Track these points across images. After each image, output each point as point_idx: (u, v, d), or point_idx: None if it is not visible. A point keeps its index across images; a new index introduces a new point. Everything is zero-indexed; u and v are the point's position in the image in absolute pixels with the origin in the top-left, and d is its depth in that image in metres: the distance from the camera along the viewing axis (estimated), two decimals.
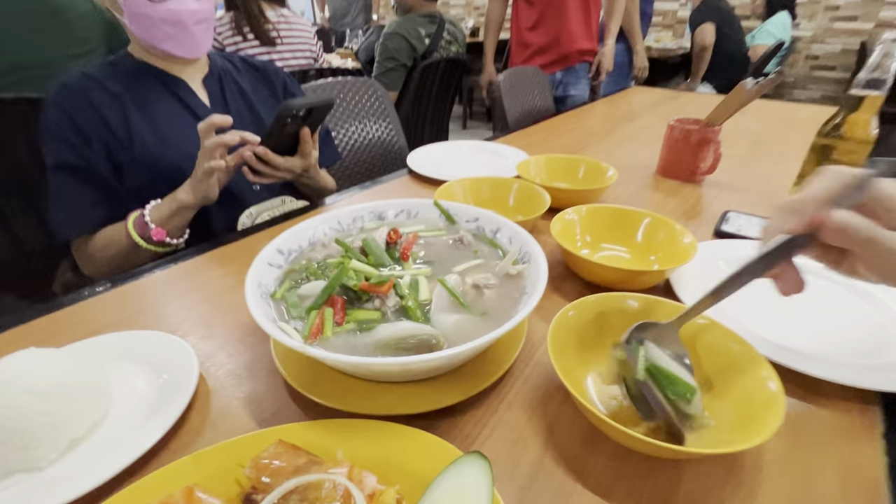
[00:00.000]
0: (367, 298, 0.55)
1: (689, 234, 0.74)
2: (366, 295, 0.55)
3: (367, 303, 0.55)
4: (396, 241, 0.67)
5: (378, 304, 0.54)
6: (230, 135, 0.93)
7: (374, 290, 0.54)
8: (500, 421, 0.51)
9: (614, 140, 1.55)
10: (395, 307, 0.55)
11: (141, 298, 0.72)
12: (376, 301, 0.54)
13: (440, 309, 0.54)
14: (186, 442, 0.49)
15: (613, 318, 0.58)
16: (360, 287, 0.54)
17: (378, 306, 0.54)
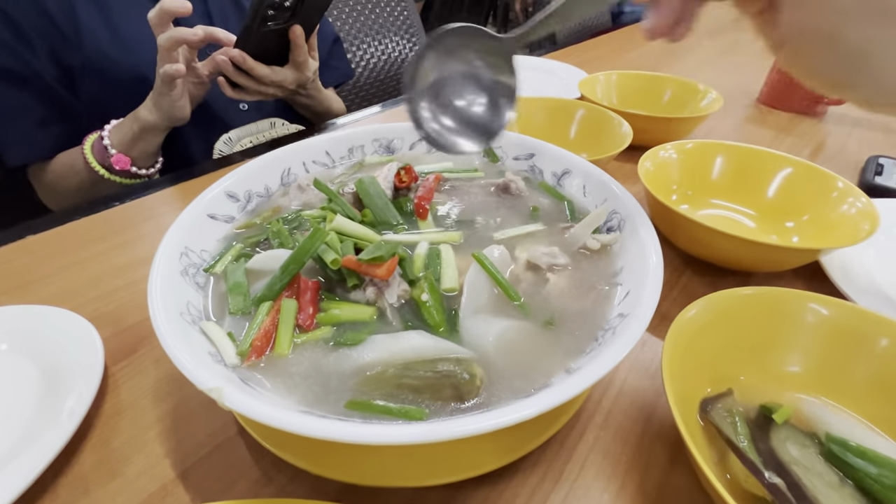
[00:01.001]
0: (356, 284, 0.33)
1: (860, 196, 0.48)
2: (354, 278, 0.33)
3: (354, 291, 0.33)
4: (409, 187, 0.44)
5: (373, 294, 0.33)
6: (193, 30, 0.69)
7: (368, 270, 0.32)
8: (568, 496, 0.31)
9: (697, 59, 1.22)
10: (400, 301, 0.33)
11: (57, 255, 0.52)
12: (370, 289, 0.33)
13: (475, 306, 0.33)
14: (65, 501, 0.31)
15: (767, 331, 0.35)
16: (343, 265, 0.32)
17: (372, 298, 0.33)
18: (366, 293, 0.33)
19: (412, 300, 0.33)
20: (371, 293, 0.33)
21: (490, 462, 0.30)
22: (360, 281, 0.33)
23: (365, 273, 0.32)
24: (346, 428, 0.22)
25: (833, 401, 0.33)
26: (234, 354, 0.29)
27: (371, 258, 0.32)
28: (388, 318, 0.32)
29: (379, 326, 0.32)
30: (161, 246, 0.33)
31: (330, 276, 0.34)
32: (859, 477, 0.29)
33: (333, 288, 0.34)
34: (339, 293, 0.34)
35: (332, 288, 0.34)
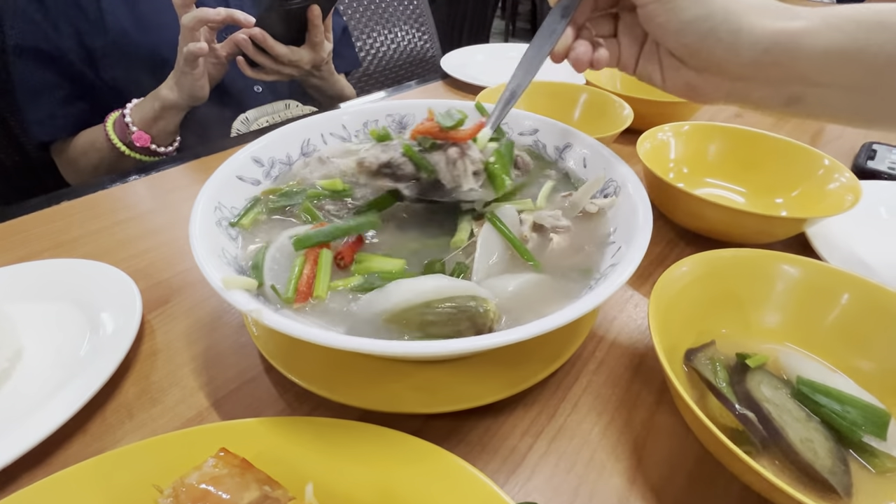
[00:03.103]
0: (434, 144, 0.38)
1: (843, 171, 0.51)
2: (428, 155, 0.38)
3: (434, 151, 0.38)
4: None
5: (455, 153, 0.37)
6: (216, 10, 0.72)
7: (452, 136, 0.37)
8: (560, 430, 0.34)
9: None
10: (478, 164, 0.38)
11: (91, 219, 0.56)
12: (452, 149, 0.37)
13: (488, 262, 0.36)
14: (112, 424, 0.34)
15: (747, 289, 0.38)
16: (427, 132, 0.38)
17: (454, 156, 0.37)
18: (447, 153, 0.37)
19: (488, 171, 0.38)
20: (454, 152, 0.37)
21: (490, 395, 0.34)
22: (437, 146, 0.38)
23: (449, 138, 0.37)
24: (365, 342, 0.25)
25: (805, 349, 0.36)
26: (281, 299, 0.32)
27: (451, 125, 0.37)
28: (471, 182, 0.37)
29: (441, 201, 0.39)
30: (198, 199, 0.36)
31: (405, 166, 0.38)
32: (825, 413, 0.32)
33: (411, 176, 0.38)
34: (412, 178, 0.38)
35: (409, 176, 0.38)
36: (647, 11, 0.36)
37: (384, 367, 0.36)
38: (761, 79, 0.35)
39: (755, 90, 0.36)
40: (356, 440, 0.29)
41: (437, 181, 0.38)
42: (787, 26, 0.33)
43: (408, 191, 0.38)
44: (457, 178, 0.37)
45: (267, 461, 0.28)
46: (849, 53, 0.32)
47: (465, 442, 0.33)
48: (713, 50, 0.34)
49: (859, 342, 0.35)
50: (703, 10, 0.33)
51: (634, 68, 0.42)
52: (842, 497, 0.28)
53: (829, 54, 0.32)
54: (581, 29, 0.42)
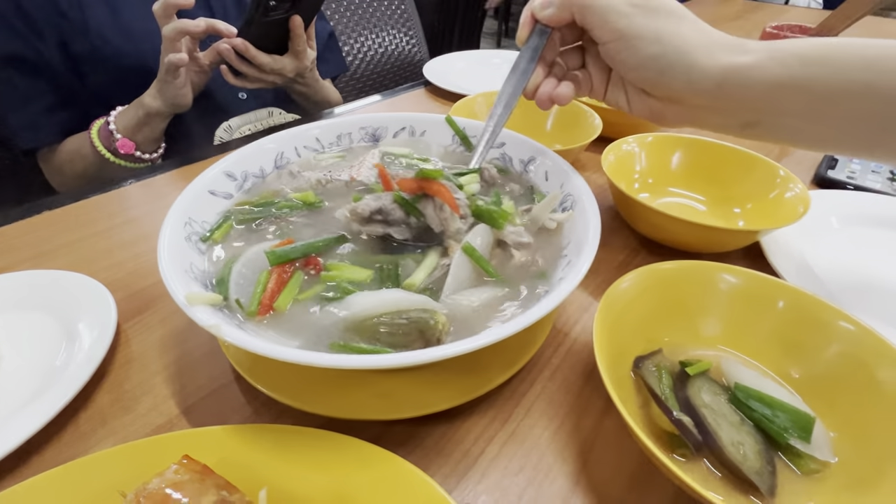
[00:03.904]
0: (416, 210, 0.40)
1: (796, 183, 0.53)
2: (416, 202, 0.40)
3: (422, 199, 0.40)
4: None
5: (435, 213, 0.39)
6: (196, 21, 0.73)
7: (426, 186, 0.39)
8: (513, 434, 0.36)
9: None
10: (464, 209, 0.40)
11: (71, 229, 0.57)
12: (429, 208, 0.40)
13: (457, 283, 0.37)
14: (85, 431, 0.36)
15: (692, 298, 0.40)
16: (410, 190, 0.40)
17: (440, 204, 0.39)
18: (434, 199, 0.39)
19: (478, 212, 0.41)
20: (439, 200, 0.39)
21: (446, 402, 0.35)
22: (420, 202, 0.40)
23: (429, 191, 0.39)
24: (310, 356, 0.27)
25: (745, 356, 0.39)
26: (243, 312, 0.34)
27: (424, 174, 0.39)
28: (458, 224, 0.39)
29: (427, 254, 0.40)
30: (168, 215, 0.38)
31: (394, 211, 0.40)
32: (757, 417, 0.34)
33: (399, 222, 0.40)
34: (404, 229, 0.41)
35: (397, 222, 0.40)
36: (607, 49, 0.39)
37: (346, 377, 0.37)
38: (717, 108, 0.37)
39: (713, 118, 0.39)
40: (313, 446, 0.31)
41: (427, 226, 0.40)
42: (735, 61, 0.35)
43: (399, 235, 0.41)
44: (444, 223, 0.39)
45: (228, 467, 0.30)
46: (792, 86, 0.34)
47: (422, 447, 0.35)
48: (671, 84, 0.37)
49: (792, 349, 0.37)
50: (658, 49, 0.36)
51: (604, 95, 0.45)
52: (766, 497, 0.31)
53: (775, 87, 0.35)
54: (552, 65, 0.45)
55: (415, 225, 0.41)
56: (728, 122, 0.38)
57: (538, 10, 0.41)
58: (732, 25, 1.57)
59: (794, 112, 0.36)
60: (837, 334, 0.35)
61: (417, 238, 0.41)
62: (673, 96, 0.38)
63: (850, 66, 0.33)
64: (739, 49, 0.36)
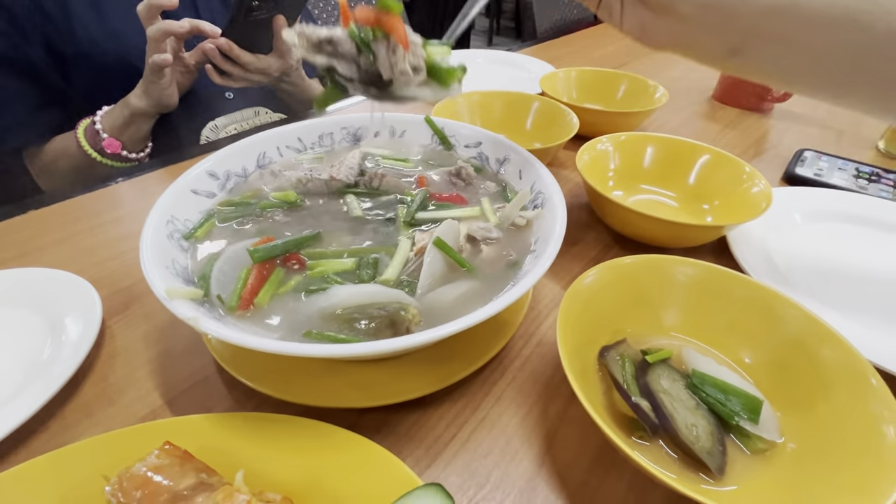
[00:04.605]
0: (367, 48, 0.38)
1: (760, 179, 0.55)
2: (369, 41, 0.37)
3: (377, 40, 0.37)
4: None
5: (387, 55, 0.37)
6: (180, 22, 0.74)
7: (382, 19, 0.37)
8: (483, 421, 0.38)
9: (664, 57, 1.28)
10: (415, 63, 0.38)
11: (57, 228, 0.58)
12: (382, 49, 0.37)
13: (431, 277, 0.39)
14: (71, 422, 0.37)
15: (654, 291, 0.42)
16: (366, 21, 0.37)
17: (394, 45, 0.37)
18: (389, 41, 0.37)
19: (430, 67, 0.40)
20: (395, 41, 0.37)
21: (419, 390, 0.37)
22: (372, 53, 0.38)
23: (386, 27, 0.37)
24: (282, 345, 0.29)
25: (704, 343, 0.41)
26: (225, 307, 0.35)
27: (384, 5, 0.36)
28: (408, 73, 0.38)
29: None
30: (150, 213, 0.39)
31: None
32: (710, 401, 0.36)
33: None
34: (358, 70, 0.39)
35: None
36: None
37: (322, 367, 0.39)
38: (707, 24, 0.37)
39: (700, 37, 0.38)
40: (289, 433, 0.33)
41: (377, 73, 0.38)
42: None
43: (345, 70, 0.38)
44: (395, 66, 0.37)
45: (208, 453, 0.31)
46: (780, 8, 0.35)
47: (395, 433, 0.37)
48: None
49: (744, 336, 0.39)
50: None
51: (598, 3, 0.43)
52: (715, 474, 0.33)
53: (768, 5, 0.35)
54: None
55: (364, 66, 0.39)
56: (714, 44, 0.38)
57: None
58: None
59: (778, 38, 0.36)
60: (784, 320, 0.37)
61: (363, 81, 0.39)
62: (666, 2, 0.37)
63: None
64: None
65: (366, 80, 0.39)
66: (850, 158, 0.75)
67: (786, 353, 0.37)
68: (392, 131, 0.58)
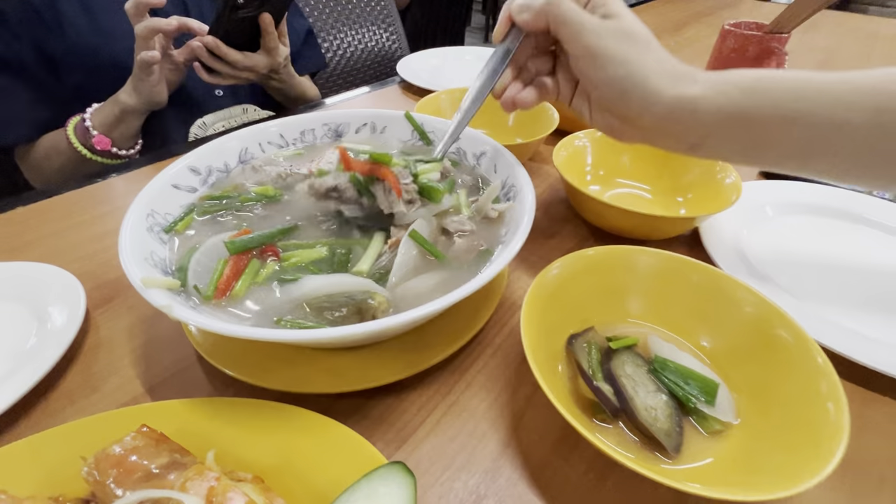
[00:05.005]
0: (368, 191, 0.44)
1: (731, 172, 0.57)
2: (369, 184, 0.44)
3: (375, 182, 0.44)
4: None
5: (384, 195, 0.43)
6: (168, 19, 0.75)
7: (378, 173, 0.43)
8: (453, 405, 0.39)
9: None
10: (409, 197, 0.43)
11: (43, 224, 0.60)
12: (380, 190, 0.44)
13: (405, 268, 0.40)
14: (54, 409, 0.39)
15: (620, 280, 0.43)
16: (362, 171, 0.44)
17: (388, 188, 0.43)
18: (384, 183, 0.43)
19: (422, 189, 0.44)
20: (388, 184, 0.42)
21: (390, 376, 0.39)
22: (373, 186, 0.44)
23: (377, 174, 0.43)
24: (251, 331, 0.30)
25: (667, 330, 0.42)
26: (201, 296, 0.37)
27: (375, 158, 0.43)
28: (401, 208, 0.42)
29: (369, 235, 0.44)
30: (130, 207, 0.41)
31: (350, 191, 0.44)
32: (670, 385, 0.37)
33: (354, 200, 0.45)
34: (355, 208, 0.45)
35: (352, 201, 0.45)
36: (576, 63, 0.41)
37: (299, 355, 0.40)
38: (667, 131, 0.40)
39: (663, 139, 0.41)
40: (262, 416, 0.34)
41: (377, 208, 0.44)
42: (685, 92, 0.37)
43: (349, 212, 0.45)
44: (392, 205, 0.42)
45: (184, 436, 0.32)
46: (733, 114, 0.37)
47: (368, 418, 0.38)
48: (629, 105, 0.39)
49: (703, 321, 0.41)
50: (623, 71, 0.38)
51: (570, 102, 0.46)
52: (672, 454, 0.34)
53: (718, 115, 0.37)
54: (522, 69, 0.47)
55: (366, 205, 0.44)
56: (676, 144, 0.41)
57: (515, 13, 0.42)
58: (702, 22, 1.61)
59: (736, 137, 0.38)
60: (738, 305, 0.39)
61: (368, 218, 0.45)
62: (629, 116, 0.40)
63: (782, 97, 0.36)
64: (690, 79, 0.38)
65: (368, 216, 0.45)
66: None
67: (742, 336, 0.38)
68: (373, 127, 0.60)
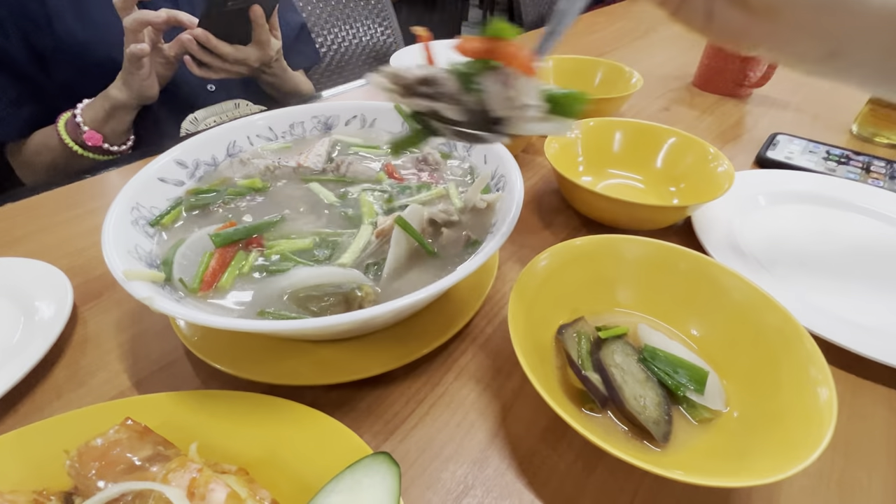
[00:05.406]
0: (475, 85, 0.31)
1: (724, 160, 0.56)
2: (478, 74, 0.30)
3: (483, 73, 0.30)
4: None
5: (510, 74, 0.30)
6: (157, 12, 0.75)
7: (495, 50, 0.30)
8: (442, 396, 0.39)
9: (646, 43, 1.29)
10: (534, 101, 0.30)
11: (33, 220, 0.59)
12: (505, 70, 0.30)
13: (396, 261, 0.40)
14: (41, 404, 0.39)
15: (610, 270, 0.43)
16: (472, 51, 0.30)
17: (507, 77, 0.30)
18: (499, 72, 0.30)
19: None
20: (508, 72, 0.30)
21: (378, 367, 0.38)
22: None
23: (502, 58, 0.30)
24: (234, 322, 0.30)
25: (656, 318, 0.42)
26: (186, 289, 0.36)
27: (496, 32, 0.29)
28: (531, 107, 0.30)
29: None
30: (115, 200, 0.40)
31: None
32: (659, 374, 0.37)
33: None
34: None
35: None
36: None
37: (287, 347, 0.40)
38: (814, 28, 0.34)
39: (801, 40, 0.35)
40: (247, 408, 0.34)
41: (482, 110, 0.31)
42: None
43: (451, 114, 0.32)
44: (511, 101, 0.30)
45: (169, 429, 0.32)
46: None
47: (356, 409, 0.38)
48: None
49: (693, 309, 0.40)
50: None
51: (678, 6, 0.38)
52: (660, 443, 0.34)
53: (881, 10, 0.32)
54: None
55: (470, 105, 0.31)
56: (814, 47, 0.35)
57: None
58: None
59: (886, 45, 0.33)
60: (727, 292, 0.39)
61: (472, 125, 0.32)
62: (778, 7, 0.33)
63: None
64: None
65: (473, 123, 0.32)
66: (822, 142, 0.76)
67: (731, 324, 0.38)
68: (363, 119, 0.59)
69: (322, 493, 0.28)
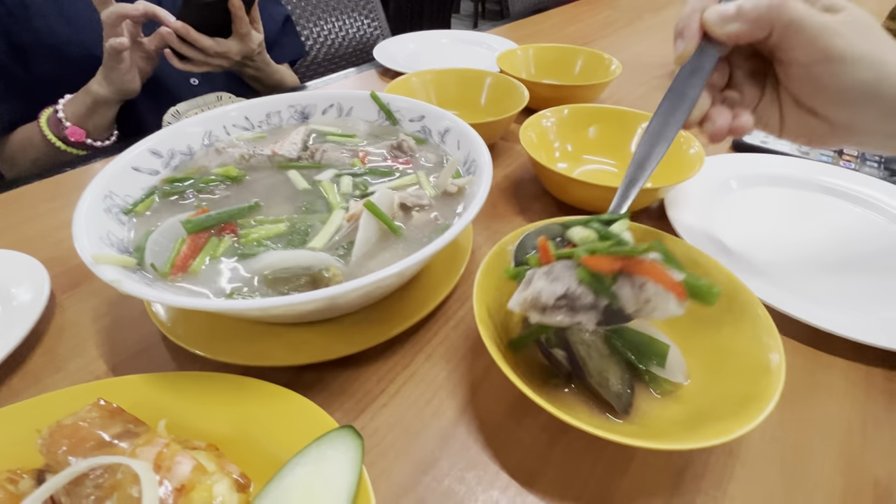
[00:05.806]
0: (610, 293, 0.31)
1: (695, 143, 0.57)
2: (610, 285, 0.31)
3: None
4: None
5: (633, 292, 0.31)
6: (134, 5, 0.75)
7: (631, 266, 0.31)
8: (412, 375, 0.40)
9: (631, 32, 1.29)
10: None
11: (12, 213, 0.60)
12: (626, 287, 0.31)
13: (365, 244, 0.41)
14: (18, 389, 0.39)
15: None
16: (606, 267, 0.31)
17: (640, 282, 0.31)
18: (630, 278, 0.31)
19: None
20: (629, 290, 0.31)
21: (350, 348, 0.39)
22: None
23: (636, 271, 0.30)
24: (203, 302, 0.31)
25: None
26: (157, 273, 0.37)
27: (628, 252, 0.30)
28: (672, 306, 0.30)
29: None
30: (87, 188, 0.41)
31: None
32: (623, 350, 0.38)
33: None
34: None
35: None
36: (809, 72, 0.34)
37: (260, 330, 0.41)
38: (886, 131, 0.35)
39: (873, 143, 0.37)
40: (219, 388, 0.35)
41: (617, 308, 0.32)
42: None
43: (590, 324, 0.32)
44: (646, 304, 0.31)
45: (141, 409, 0.33)
46: None
47: (328, 389, 0.39)
48: (867, 111, 0.33)
49: None
50: (870, 76, 0.32)
51: (755, 110, 0.40)
52: (621, 414, 0.35)
53: None
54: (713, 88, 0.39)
55: (603, 308, 0.32)
56: (882, 143, 0.36)
57: (715, 24, 0.35)
58: None
59: None
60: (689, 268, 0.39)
61: (605, 322, 0.33)
62: (857, 123, 0.34)
63: None
64: None
65: (605, 320, 0.33)
66: None
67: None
68: (340, 108, 0.60)
69: (289, 465, 0.29)
